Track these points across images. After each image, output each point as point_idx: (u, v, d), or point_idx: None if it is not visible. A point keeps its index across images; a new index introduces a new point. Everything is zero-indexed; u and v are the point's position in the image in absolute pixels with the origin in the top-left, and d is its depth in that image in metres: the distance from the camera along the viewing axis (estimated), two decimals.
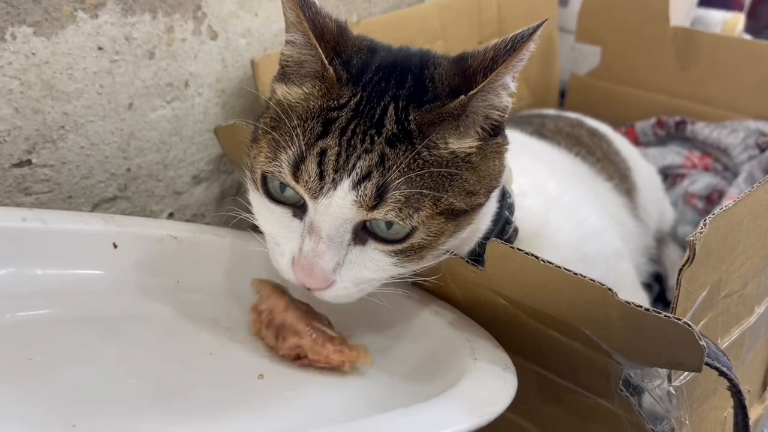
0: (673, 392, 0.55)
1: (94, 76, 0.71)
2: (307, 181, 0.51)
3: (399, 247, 0.53)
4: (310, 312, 0.58)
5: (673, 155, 1.20)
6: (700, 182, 1.13)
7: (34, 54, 0.65)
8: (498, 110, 0.54)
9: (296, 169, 0.51)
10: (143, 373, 0.52)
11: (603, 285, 0.48)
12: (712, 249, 0.53)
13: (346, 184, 0.50)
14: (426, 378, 0.56)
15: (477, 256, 0.60)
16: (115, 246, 0.62)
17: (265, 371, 0.54)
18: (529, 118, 1.10)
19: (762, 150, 1.11)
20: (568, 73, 1.37)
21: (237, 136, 0.74)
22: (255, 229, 0.59)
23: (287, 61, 0.56)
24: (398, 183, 0.50)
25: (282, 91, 0.55)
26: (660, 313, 0.47)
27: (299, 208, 0.54)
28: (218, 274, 0.66)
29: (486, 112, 0.54)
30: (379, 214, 0.51)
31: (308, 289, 0.54)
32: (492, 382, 0.49)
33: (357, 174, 0.50)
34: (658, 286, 1.04)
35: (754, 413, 0.73)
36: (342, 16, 0.97)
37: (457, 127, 0.53)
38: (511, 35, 0.52)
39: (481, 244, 0.60)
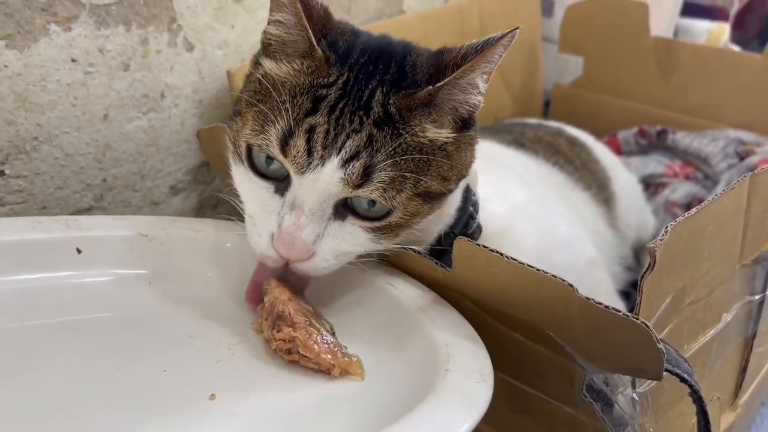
0: (637, 399, 0.56)
1: (67, 87, 0.71)
2: (295, 156, 0.52)
3: (377, 224, 0.56)
4: (314, 313, 0.58)
5: (655, 164, 1.20)
6: (681, 191, 1.13)
7: (6, 66, 0.66)
8: (467, 105, 0.57)
9: (285, 144, 0.53)
10: (90, 392, 0.51)
11: (564, 281, 0.49)
12: (675, 256, 0.54)
13: (334, 161, 0.52)
14: (403, 384, 0.54)
15: (440, 249, 0.62)
16: (79, 251, 0.60)
17: (218, 390, 0.52)
18: (510, 127, 1.10)
19: (741, 159, 1.12)
20: (552, 83, 1.38)
21: (218, 139, 0.75)
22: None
23: (272, 40, 0.57)
24: (384, 165, 0.53)
25: (269, 65, 0.57)
26: (619, 312, 0.48)
27: (282, 182, 0.55)
28: (193, 273, 0.65)
29: (454, 104, 0.56)
30: (363, 193, 0.53)
31: (287, 264, 0.56)
32: (455, 405, 0.47)
33: (346, 152, 0.52)
34: (637, 297, 1.04)
35: (725, 420, 0.73)
36: None
37: (430, 115, 0.56)
38: (485, 37, 0.54)
39: (447, 236, 0.62)
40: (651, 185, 1.20)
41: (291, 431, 0.49)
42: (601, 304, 0.48)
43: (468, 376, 0.50)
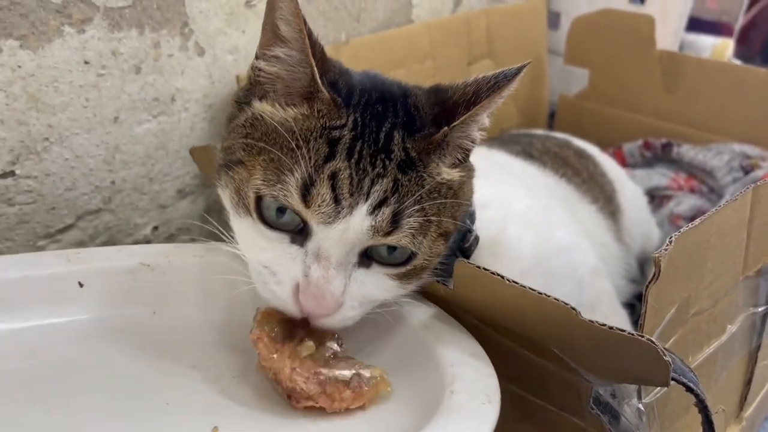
0: (643, 409, 0.56)
1: (80, 89, 0.72)
2: (320, 206, 0.49)
3: (402, 270, 0.54)
4: (316, 355, 0.53)
5: (660, 177, 1.21)
6: (686, 204, 1.14)
7: (20, 67, 0.66)
8: (470, 141, 0.56)
9: (306, 193, 0.49)
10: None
11: (566, 304, 0.49)
12: (680, 266, 0.54)
13: (363, 208, 0.49)
14: (408, 407, 0.53)
15: (443, 265, 0.61)
16: (81, 285, 0.59)
17: (221, 423, 0.50)
18: (517, 137, 1.11)
19: (746, 172, 1.12)
20: (558, 94, 1.39)
21: (211, 157, 0.76)
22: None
23: (265, 78, 0.54)
24: (413, 210, 0.51)
25: (267, 109, 0.53)
26: (623, 331, 0.47)
27: (298, 234, 0.52)
28: (197, 302, 0.63)
29: (461, 142, 0.56)
30: (393, 240, 0.51)
31: (308, 317, 0.53)
32: (460, 428, 0.46)
33: (375, 198, 0.50)
34: (642, 307, 1.04)
35: None
36: (330, 35, 0.99)
37: (444, 156, 0.54)
38: (494, 73, 0.53)
39: (447, 256, 0.61)
40: (655, 197, 1.20)
41: None
42: (605, 325, 0.48)
43: (474, 396, 0.49)
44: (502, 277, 0.52)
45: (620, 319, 0.80)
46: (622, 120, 1.30)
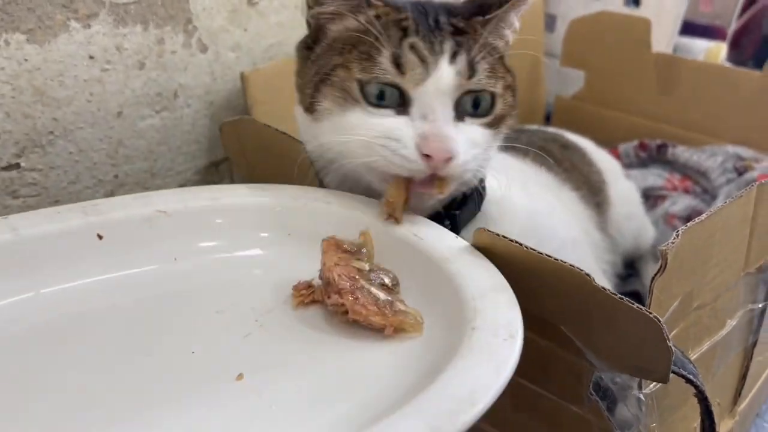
0: (643, 399, 0.56)
1: (84, 83, 0.72)
2: (413, 70, 0.59)
3: (489, 119, 0.63)
4: (368, 271, 0.57)
5: (655, 177, 1.22)
6: (680, 204, 1.15)
7: (26, 60, 0.67)
8: (505, 39, 0.67)
9: (398, 65, 0.59)
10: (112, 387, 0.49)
11: (582, 270, 0.50)
12: (685, 260, 0.55)
13: (445, 59, 0.59)
14: (430, 344, 0.53)
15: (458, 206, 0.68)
16: (100, 237, 0.59)
17: (246, 369, 0.51)
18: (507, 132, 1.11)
19: (740, 174, 1.13)
20: (554, 96, 1.40)
21: (241, 133, 0.76)
22: None
23: (330, 15, 0.63)
24: (480, 56, 0.61)
25: (340, 28, 0.63)
26: (633, 304, 0.49)
27: (401, 105, 0.60)
28: (216, 246, 0.64)
29: (492, 38, 0.65)
30: (475, 81, 0.61)
31: (433, 171, 0.58)
32: (480, 368, 0.45)
33: (449, 52, 0.60)
34: (647, 299, 1.04)
35: (724, 427, 0.74)
36: None
37: (495, 31, 0.65)
38: None
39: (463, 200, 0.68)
40: (650, 197, 1.21)
41: (317, 404, 0.49)
42: (615, 295, 0.49)
43: (495, 333, 0.48)
44: (520, 244, 0.53)
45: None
46: (618, 121, 1.32)
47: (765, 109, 1.13)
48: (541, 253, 0.52)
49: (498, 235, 0.55)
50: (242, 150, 0.79)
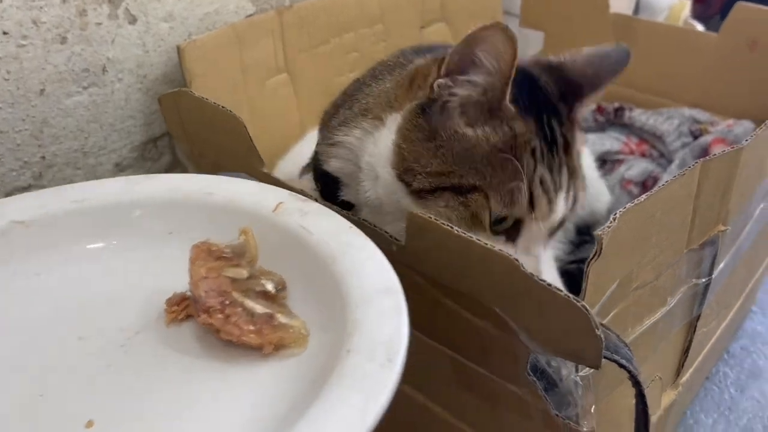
0: (579, 382, 0.56)
1: None
2: (540, 208, 0.59)
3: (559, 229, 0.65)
4: (243, 280, 0.51)
5: (612, 141, 1.21)
6: (636, 168, 1.14)
7: None
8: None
9: (531, 205, 0.59)
10: None
11: (510, 256, 0.49)
12: (623, 242, 0.54)
13: (562, 196, 0.61)
14: (304, 365, 0.48)
15: None
16: None
17: (99, 415, 0.43)
18: None
19: (695, 137, 1.12)
20: None
21: (180, 104, 0.73)
22: None
23: (460, 101, 0.59)
24: (581, 185, 0.64)
25: (472, 133, 0.59)
26: (560, 291, 0.48)
27: (513, 229, 0.61)
28: (88, 252, 0.57)
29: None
30: (573, 212, 0.64)
31: None
32: (353, 397, 0.41)
33: (565, 186, 0.61)
34: (583, 283, 1.04)
35: (666, 399, 0.75)
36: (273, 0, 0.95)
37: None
38: (608, 52, 0.68)
39: None
40: (607, 162, 1.20)
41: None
42: (544, 281, 0.48)
43: (372, 356, 0.44)
44: (451, 227, 0.52)
45: (551, 273, 0.81)
46: None
47: (721, 72, 1.12)
48: (471, 238, 0.51)
49: (430, 218, 0.53)
50: (182, 123, 0.75)
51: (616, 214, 0.52)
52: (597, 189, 1.09)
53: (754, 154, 0.66)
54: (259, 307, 0.50)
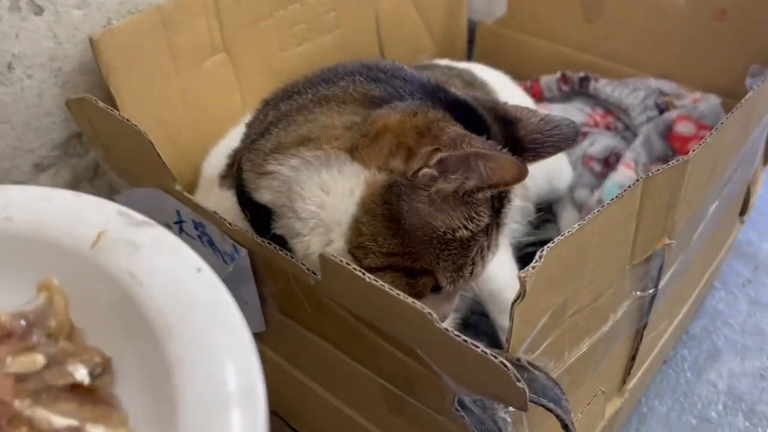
0: (508, 419, 0.53)
1: None
2: (478, 274, 0.62)
3: None
4: (44, 368, 0.37)
5: (577, 112, 1.15)
6: (599, 144, 1.09)
7: None
8: None
9: (471, 271, 0.60)
10: None
11: (423, 309, 0.46)
12: (554, 275, 0.50)
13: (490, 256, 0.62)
14: None
15: None
16: None
17: None
18: (419, 68, 1.03)
19: (660, 111, 1.08)
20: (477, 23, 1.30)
21: (87, 111, 0.67)
22: None
23: (439, 194, 0.56)
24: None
25: (450, 221, 0.57)
26: (477, 347, 0.45)
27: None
28: None
29: None
30: None
31: None
32: None
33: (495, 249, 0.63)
34: (509, 323, 1.00)
35: (611, 408, 0.73)
36: None
37: None
38: (554, 129, 0.62)
39: None
40: None
41: None
42: (460, 337, 0.45)
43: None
44: (364, 273, 0.49)
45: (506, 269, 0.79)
46: (541, 50, 1.23)
47: (689, 41, 1.06)
48: (383, 286, 0.47)
49: (342, 262, 0.49)
50: (93, 130, 0.70)
51: (543, 250, 0.48)
52: (559, 165, 1.05)
53: (705, 160, 0.62)
54: (58, 419, 0.35)
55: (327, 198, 0.57)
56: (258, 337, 0.69)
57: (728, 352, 1.02)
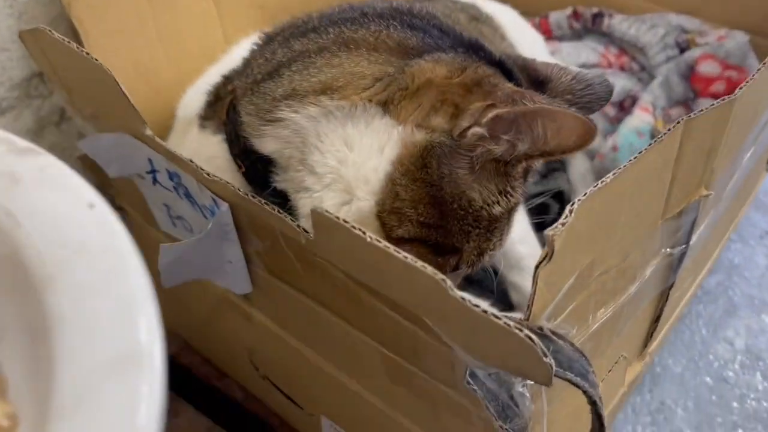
0: (526, 393, 0.47)
1: None
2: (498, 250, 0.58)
3: None
4: None
5: (589, 51, 1.07)
6: (615, 85, 1.01)
7: None
8: None
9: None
10: None
11: (436, 274, 0.39)
12: (583, 233, 0.44)
13: None
14: None
15: None
16: None
17: None
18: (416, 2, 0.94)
19: (681, 50, 0.99)
20: None
21: (43, 46, 0.59)
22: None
23: (489, 154, 0.52)
24: None
25: (488, 194, 0.54)
26: (499, 319, 0.39)
27: None
28: None
29: None
30: None
31: None
32: None
33: None
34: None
35: (632, 373, 0.67)
36: None
37: None
38: (586, 89, 0.56)
39: None
40: None
41: None
42: (478, 307, 0.39)
43: None
44: (364, 233, 0.42)
45: (527, 248, 0.72)
46: None
47: None
48: (388, 248, 0.40)
49: (338, 219, 0.42)
50: (52, 67, 0.61)
51: (574, 203, 0.41)
52: None
53: (749, 101, 0.54)
54: None
55: (350, 153, 0.51)
56: (245, 298, 0.64)
57: (745, 308, 0.96)
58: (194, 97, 0.69)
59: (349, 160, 0.51)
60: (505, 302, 0.77)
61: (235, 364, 0.80)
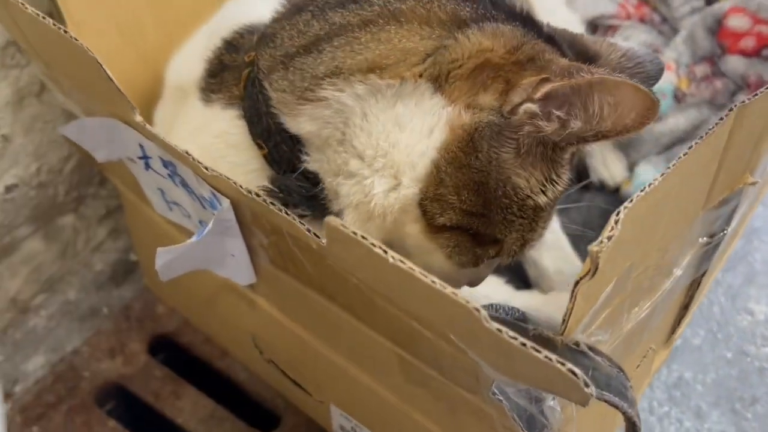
0: (557, 407, 0.44)
1: None
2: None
3: None
4: None
5: (606, 3, 1.00)
6: (633, 40, 0.95)
7: None
8: None
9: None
10: None
11: (468, 303, 0.35)
12: (626, 241, 0.39)
13: None
14: None
15: None
16: None
17: None
18: None
19: (708, 1, 0.93)
20: None
21: (15, 19, 0.53)
22: None
23: (537, 133, 0.48)
24: None
25: (535, 182, 0.50)
26: (539, 352, 0.35)
27: None
28: None
29: None
30: None
31: None
32: None
33: None
34: (570, 301, 0.89)
35: (659, 360, 0.64)
36: None
37: None
38: (640, 64, 0.53)
39: None
40: (600, 28, 1.01)
41: None
42: (516, 339, 0.35)
43: None
44: (385, 251, 0.37)
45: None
46: None
47: None
48: (413, 269, 0.36)
49: (355, 234, 0.37)
50: (26, 40, 0.56)
51: (619, 214, 0.36)
52: None
53: None
54: None
55: (401, 135, 0.48)
56: (249, 286, 0.60)
57: (766, 275, 0.93)
58: (188, 62, 0.64)
59: (400, 142, 0.48)
60: (520, 277, 0.74)
61: (238, 346, 0.77)
